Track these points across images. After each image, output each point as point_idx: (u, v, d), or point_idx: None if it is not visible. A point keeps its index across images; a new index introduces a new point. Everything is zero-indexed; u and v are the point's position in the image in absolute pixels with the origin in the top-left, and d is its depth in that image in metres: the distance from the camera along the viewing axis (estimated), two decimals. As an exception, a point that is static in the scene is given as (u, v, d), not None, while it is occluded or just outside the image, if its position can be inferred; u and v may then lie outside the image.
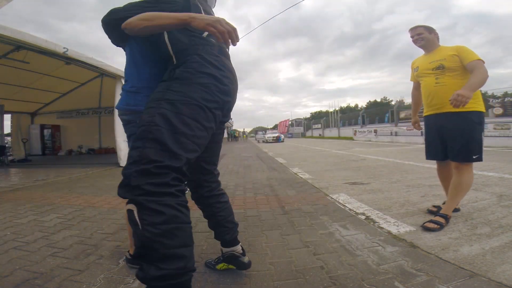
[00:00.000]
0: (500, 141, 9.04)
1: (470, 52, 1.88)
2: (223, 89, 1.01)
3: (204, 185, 1.25)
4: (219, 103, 0.99)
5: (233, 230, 1.30)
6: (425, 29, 2.07)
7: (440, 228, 1.79)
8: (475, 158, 1.88)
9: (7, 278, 1.28)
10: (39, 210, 2.54)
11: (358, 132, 19.30)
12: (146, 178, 0.74)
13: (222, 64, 1.04)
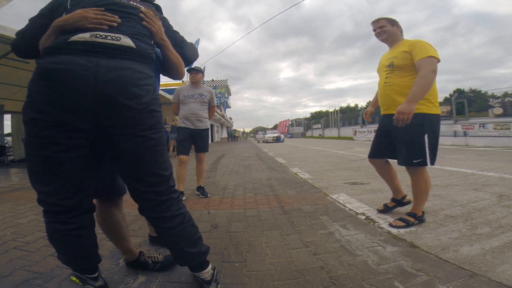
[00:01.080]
0: (500, 141, 9.05)
1: (423, 48, 1.72)
2: (36, 102, 0.87)
3: (136, 201, 1.05)
4: (40, 122, 0.87)
5: (184, 260, 1.10)
6: (387, 21, 1.95)
7: (406, 225, 1.81)
8: (416, 162, 1.79)
9: (7, 278, 1.28)
10: (39, 210, 2.52)
11: (358, 132, 19.30)
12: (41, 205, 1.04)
13: (37, 71, 0.88)
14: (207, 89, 3.15)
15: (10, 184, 4.19)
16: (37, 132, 0.88)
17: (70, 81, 0.85)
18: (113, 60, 0.91)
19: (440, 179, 3.50)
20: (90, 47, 0.89)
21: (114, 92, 0.88)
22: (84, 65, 0.86)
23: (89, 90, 0.86)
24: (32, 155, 0.91)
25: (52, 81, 0.85)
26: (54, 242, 1.01)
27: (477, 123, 10.58)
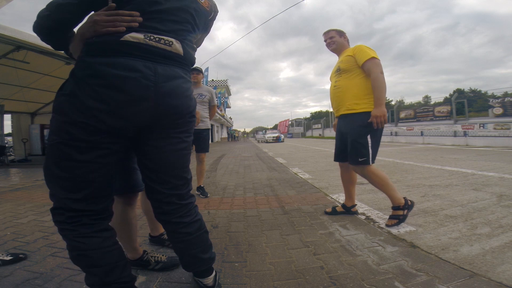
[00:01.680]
0: (500, 141, 9.04)
1: (364, 51, 1.87)
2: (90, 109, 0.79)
3: (156, 205, 1.03)
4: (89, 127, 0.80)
5: (195, 266, 1.08)
6: (336, 32, 2.12)
7: (399, 221, 1.84)
8: (361, 161, 1.90)
9: (7, 278, 1.28)
10: (39, 210, 2.53)
11: (358, 132, 19.27)
12: (53, 218, 0.87)
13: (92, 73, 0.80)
14: (207, 88, 3.15)
15: (10, 184, 4.19)
16: (81, 136, 0.80)
17: (129, 91, 0.79)
18: (168, 67, 0.86)
19: (440, 179, 3.50)
20: (145, 51, 0.82)
21: (171, 104, 0.88)
22: (144, 73, 0.81)
23: (149, 102, 0.83)
24: (65, 159, 0.81)
25: (109, 88, 0.78)
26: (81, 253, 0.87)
27: (477, 123, 10.59)
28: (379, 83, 1.80)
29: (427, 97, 53.53)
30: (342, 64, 1.99)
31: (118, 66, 0.78)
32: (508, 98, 10.96)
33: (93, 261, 0.86)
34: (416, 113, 15.69)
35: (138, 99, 0.81)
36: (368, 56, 1.83)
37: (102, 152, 0.84)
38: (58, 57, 5.26)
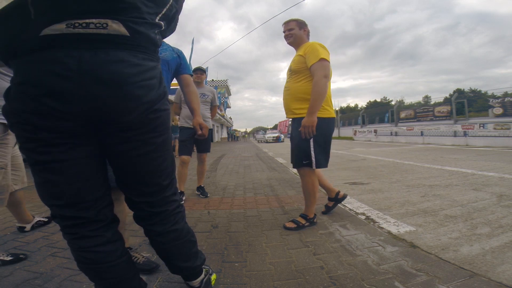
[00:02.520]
0: (500, 141, 9.05)
1: (314, 51, 1.74)
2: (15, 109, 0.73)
3: (130, 208, 0.97)
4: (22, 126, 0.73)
5: (177, 271, 1.06)
6: (297, 24, 1.92)
7: (297, 227, 1.85)
8: (305, 163, 1.86)
9: (7, 278, 1.28)
10: (39, 210, 2.53)
11: (358, 132, 19.30)
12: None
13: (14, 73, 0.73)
14: (209, 89, 3.15)
15: (10, 184, 4.19)
16: (27, 136, 0.74)
17: (45, 84, 0.69)
18: (103, 52, 0.72)
19: (440, 179, 3.50)
20: (70, 40, 0.69)
21: (107, 93, 0.72)
22: (65, 63, 0.69)
23: (74, 94, 0.70)
24: (32, 164, 0.77)
25: (26, 84, 0.70)
26: (83, 266, 0.85)
27: (477, 123, 10.58)
28: (318, 88, 1.69)
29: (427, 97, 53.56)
30: (293, 64, 1.87)
31: (34, 61, 0.70)
32: (508, 98, 10.97)
33: (97, 274, 0.84)
34: (416, 113, 15.69)
35: (59, 92, 0.70)
36: (317, 58, 1.71)
37: (58, 149, 0.75)
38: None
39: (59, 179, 0.76)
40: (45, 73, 0.69)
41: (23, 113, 0.72)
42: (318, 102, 1.70)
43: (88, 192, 0.81)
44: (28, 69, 0.70)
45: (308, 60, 1.76)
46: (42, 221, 2.06)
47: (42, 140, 0.73)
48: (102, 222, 0.84)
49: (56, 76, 0.69)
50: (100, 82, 0.71)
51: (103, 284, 0.86)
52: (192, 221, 2.10)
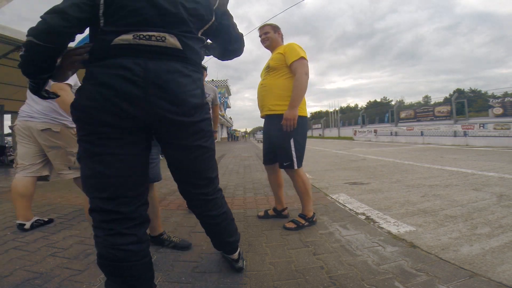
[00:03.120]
0: (500, 141, 9.05)
1: (294, 50, 1.81)
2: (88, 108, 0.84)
3: (185, 199, 1.13)
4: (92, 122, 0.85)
5: (223, 247, 1.28)
6: (271, 28, 2.03)
7: (297, 227, 1.84)
8: (285, 165, 1.86)
9: (7, 278, 1.28)
10: (39, 210, 2.54)
11: (358, 132, 19.30)
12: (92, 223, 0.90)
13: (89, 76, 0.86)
14: (210, 87, 3.07)
15: (10, 184, 4.19)
16: (90, 129, 0.85)
17: (116, 87, 0.82)
18: (162, 62, 0.86)
19: (440, 179, 3.50)
20: (135, 50, 0.84)
21: (166, 98, 0.86)
22: (132, 70, 0.82)
23: (140, 98, 0.83)
24: (85, 156, 0.86)
25: (99, 86, 0.82)
26: (107, 263, 0.86)
27: (477, 123, 10.58)
28: (300, 83, 1.75)
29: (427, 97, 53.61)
30: (272, 61, 1.91)
31: (107, 66, 0.83)
32: (508, 98, 10.97)
33: (119, 272, 0.87)
34: (416, 113, 15.69)
35: (127, 94, 0.82)
36: (298, 56, 1.78)
37: (114, 143, 0.86)
38: (58, 57, 5.24)
39: (108, 172, 0.85)
40: (117, 78, 0.82)
41: (93, 110, 0.83)
42: (300, 96, 1.77)
43: (130, 188, 0.89)
44: (102, 72, 0.83)
45: (289, 57, 1.81)
46: (42, 220, 2.07)
47: (103, 134, 0.84)
48: (136, 220, 0.90)
49: (126, 80, 0.82)
50: (161, 89, 0.85)
51: (119, 281, 0.88)
52: (192, 221, 2.10)
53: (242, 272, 1.31)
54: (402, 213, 2.16)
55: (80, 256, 1.51)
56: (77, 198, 3.04)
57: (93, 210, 0.87)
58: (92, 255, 1.52)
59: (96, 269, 1.36)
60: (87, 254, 1.54)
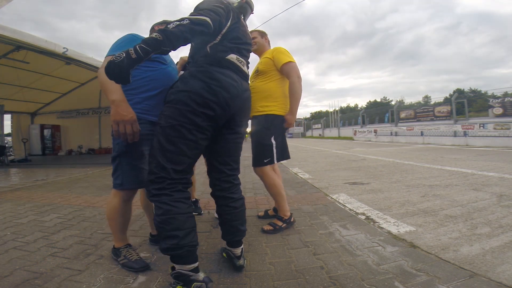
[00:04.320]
0: (500, 141, 9.04)
1: (282, 54, 1.89)
2: (207, 101, 1.13)
3: (215, 183, 1.35)
4: (203, 115, 1.14)
5: (234, 235, 1.34)
6: (258, 33, 2.12)
7: (274, 230, 1.82)
8: (266, 161, 1.91)
9: (7, 278, 1.28)
10: (39, 210, 2.54)
11: (358, 132, 19.30)
12: (152, 185, 1.13)
13: (211, 76, 1.16)
14: None
15: (10, 184, 4.19)
16: (196, 121, 1.12)
17: (231, 92, 1.18)
18: (244, 82, 1.30)
19: (440, 179, 3.50)
20: (236, 67, 1.25)
21: (246, 106, 1.31)
22: (237, 82, 1.22)
23: (237, 102, 1.22)
24: (178, 137, 1.12)
25: (221, 88, 1.15)
26: (172, 217, 1.08)
27: (477, 123, 10.58)
28: (296, 90, 1.85)
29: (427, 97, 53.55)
30: (261, 65, 1.98)
31: (226, 75, 1.19)
32: (508, 98, 10.97)
33: (179, 224, 1.09)
34: (416, 113, 15.69)
35: (234, 98, 1.20)
36: (286, 60, 1.86)
37: (203, 135, 1.16)
38: (58, 57, 5.26)
39: (189, 154, 1.15)
40: (231, 86, 1.19)
41: (213, 104, 1.14)
42: (298, 101, 1.91)
43: (193, 165, 1.24)
44: (223, 79, 1.17)
45: (278, 61, 1.89)
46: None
47: (200, 126, 1.14)
48: (189, 184, 1.21)
49: (234, 88, 1.20)
50: (245, 99, 1.29)
51: (178, 234, 1.07)
52: (192, 221, 2.11)
53: (242, 271, 1.31)
54: (402, 213, 2.16)
55: (80, 256, 1.51)
56: (77, 198, 3.04)
57: (163, 177, 1.11)
58: (92, 255, 1.53)
59: (96, 269, 1.36)
60: (87, 254, 1.54)
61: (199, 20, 1.03)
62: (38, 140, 11.29)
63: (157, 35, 0.95)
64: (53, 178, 4.75)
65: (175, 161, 1.13)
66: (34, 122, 11.38)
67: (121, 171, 1.36)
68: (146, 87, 1.38)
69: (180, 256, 1.09)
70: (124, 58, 0.94)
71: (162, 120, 1.16)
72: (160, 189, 1.11)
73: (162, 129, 1.14)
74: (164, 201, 1.10)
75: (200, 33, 1.04)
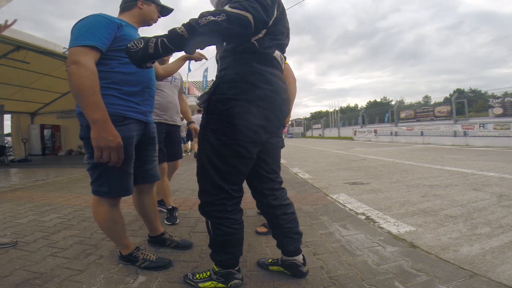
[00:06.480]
0: (500, 141, 9.04)
1: None
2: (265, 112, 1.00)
3: (266, 193, 1.20)
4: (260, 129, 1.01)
5: (298, 241, 1.25)
6: None
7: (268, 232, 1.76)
8: None
9: (7, 278, 1.28)
10: (39, 210, 2.54)
11: (358, 132, 19.30)
12: (211, 207, 1.07)
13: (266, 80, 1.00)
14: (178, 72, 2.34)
15: (10, 184, 4.19)
16: (254, 138, 1.00)
17: (282, 96, 1.05)
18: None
19: (440, 179, 3.50)
20: (280, 66, 1.09)
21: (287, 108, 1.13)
22: (284, 83, 1.08)
23: (287, 105, 1.10)
24: (235, 157, 1.00)
25: (275, 93, 1.01)
26: (230, 238, 1.08)
27: (477, 123, 10.58)
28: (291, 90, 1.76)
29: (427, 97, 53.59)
30: None
31: (278, 76, 1.04)
32: (508, 98, 10.96)
33: (237, 243, 1.10)
34: (416, 113, 15.69)
35: (285, 103, 1.08)
36: None
37: (257, 148, 1.06)
38: (58, 57, 5.26)
39: (245, 171, 1.07)
40: (281, 89, 1.05)
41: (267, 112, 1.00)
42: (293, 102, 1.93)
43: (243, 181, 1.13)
44: (274, 81, 1.02)
45: None
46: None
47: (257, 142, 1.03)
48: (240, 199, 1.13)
49: (284, 92, 1.07)
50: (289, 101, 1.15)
51: (235, 251, 1.11)
52: (192, 221, 2.10)
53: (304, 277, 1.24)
54: (402, 213, 2.16)
55: (80, 256, 1.51)
56: (77, 198, 3.04)
57: (223, 199, 1.04)
58: (92, 255, 1.52)
59: (96, 269, 1.36)
60: (87, 254, 1.54)
61: (239, 17, 0.79)
62: (38, 140, 11.28)
63: (183, 31, 0.79)
64: (53, 178, 4.75)
65: (233, 181, 1.05)
66: (34, 122, 11.37)
67: (107, 178, 1.20)
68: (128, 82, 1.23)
69: (229, 265, 1.13)
70: (140, 50, 0.82)
71: (211, 136, 1.00)
72: (222, 212, 1.05)
73: (213, 148, 1.00)
74: (226, 224, 1.06)
75: (236, 35, 0.84)
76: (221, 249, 1.11)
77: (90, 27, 1.10)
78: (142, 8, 1.35)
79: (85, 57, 1.04)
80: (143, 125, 1.35)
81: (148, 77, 1.35)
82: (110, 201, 1.26)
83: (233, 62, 1.00)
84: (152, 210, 1.56)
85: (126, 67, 1.21)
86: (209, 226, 1.10)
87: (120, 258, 1.41)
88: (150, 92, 1.38)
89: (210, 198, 1.06)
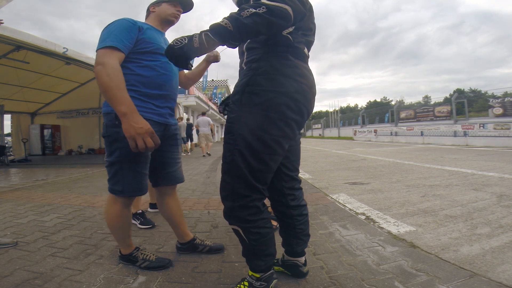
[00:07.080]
0: (500, 141, 9.05)
1: None
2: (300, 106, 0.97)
3: (286, 193, 1.16)
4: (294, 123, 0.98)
5: (306, 243, 1.23)
6: None
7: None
8: None
9: (7, 278, 1.28)
10: (39, 210, 2.54)
11: (358, 132, 19.30)
12: (243, 211, 0.97)
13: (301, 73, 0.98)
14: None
15: (10, 184, 4.19)
16: (288, 132, 0.96)
17: (313, 90, 1.02)
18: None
19: (440, 179, 3.50)
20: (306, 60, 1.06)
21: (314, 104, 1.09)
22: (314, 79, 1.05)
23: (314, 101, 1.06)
24: (268, 153, 0.94)
25: (309, 87, 0.99)
26: (271, 237, 1.03)
27: (477, 123, 10.59)
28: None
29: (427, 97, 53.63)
30: None
31: (309, 71, 1.04)
32: (508, 98, 10.97)
33: (272, 242, 1.04)
34: (416, 113, 15.70)
35: (313, 98, 1.04)
36: None
37: (289, 144, 1.02)
38: (58, 57, 5.25)
39: (274, 167, 1.00)
40: (312, 83, 1.02)
41: (302, 106, 0.97)
42: None
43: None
44: (307, 75, 1.00)
45: None
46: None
47: (290, 137, 0.99)
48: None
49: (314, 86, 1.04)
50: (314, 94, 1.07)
51: (274, 250, 1.06)
52: (192, 221, 2.10)
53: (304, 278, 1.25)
54: (402, 213, 2.16)
55: (80, 256, 1.51)
56: (77, 198, 3.04)
57: (256, 200, 0.97)
58: (92, 255, 1.52)
59: (96, 269, 1.36)
60: (87, 254, 1.54)
61: (279, 9, 0.79)
62: (38, 140, 11.27)
63: (228, 24, 0.78)
64: (53, 178, 4.75)
65: (265, 181, 0.98)
66: (34, 122, 11.36)
67: (121, 177, 1.24)
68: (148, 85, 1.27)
69: (271, 266, 1.07)
70: (185, 45, 0.81)
71: (244, 129, 0.93)
72: (256, 214, 0.97)
73: (246, 143, 0.92)
74: (261, 225, 0.99)
75: (278, 27, 0.84)
76: (262, 252, 1.02)
77: (114, 30, 1.18)
78: (155, 10, 1.44)
79: (109, 57, 1.12)
80: (162, 127, 1.35)
81: (169, 81, 1.37)
82: (123, 201, 1.29)
83: (266, 54, 0.97)
84: (176, 213, 1.50)
85: (145, 70, 1.26)
86: (241, 234, 1.00)
87: (120, 258, 1.41)
88: (171, 96, 1.41)
89: (242, 200, 0.95)
